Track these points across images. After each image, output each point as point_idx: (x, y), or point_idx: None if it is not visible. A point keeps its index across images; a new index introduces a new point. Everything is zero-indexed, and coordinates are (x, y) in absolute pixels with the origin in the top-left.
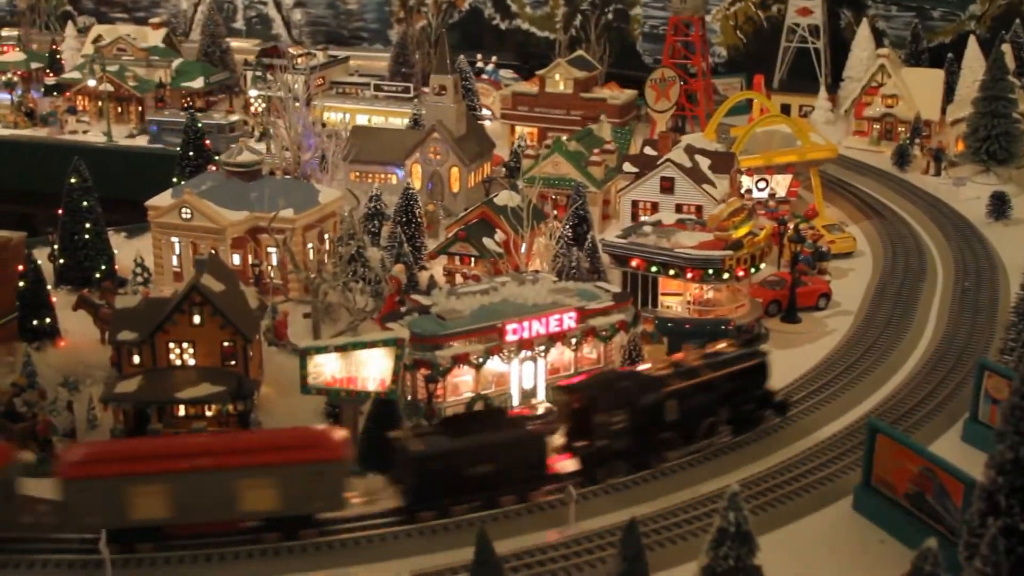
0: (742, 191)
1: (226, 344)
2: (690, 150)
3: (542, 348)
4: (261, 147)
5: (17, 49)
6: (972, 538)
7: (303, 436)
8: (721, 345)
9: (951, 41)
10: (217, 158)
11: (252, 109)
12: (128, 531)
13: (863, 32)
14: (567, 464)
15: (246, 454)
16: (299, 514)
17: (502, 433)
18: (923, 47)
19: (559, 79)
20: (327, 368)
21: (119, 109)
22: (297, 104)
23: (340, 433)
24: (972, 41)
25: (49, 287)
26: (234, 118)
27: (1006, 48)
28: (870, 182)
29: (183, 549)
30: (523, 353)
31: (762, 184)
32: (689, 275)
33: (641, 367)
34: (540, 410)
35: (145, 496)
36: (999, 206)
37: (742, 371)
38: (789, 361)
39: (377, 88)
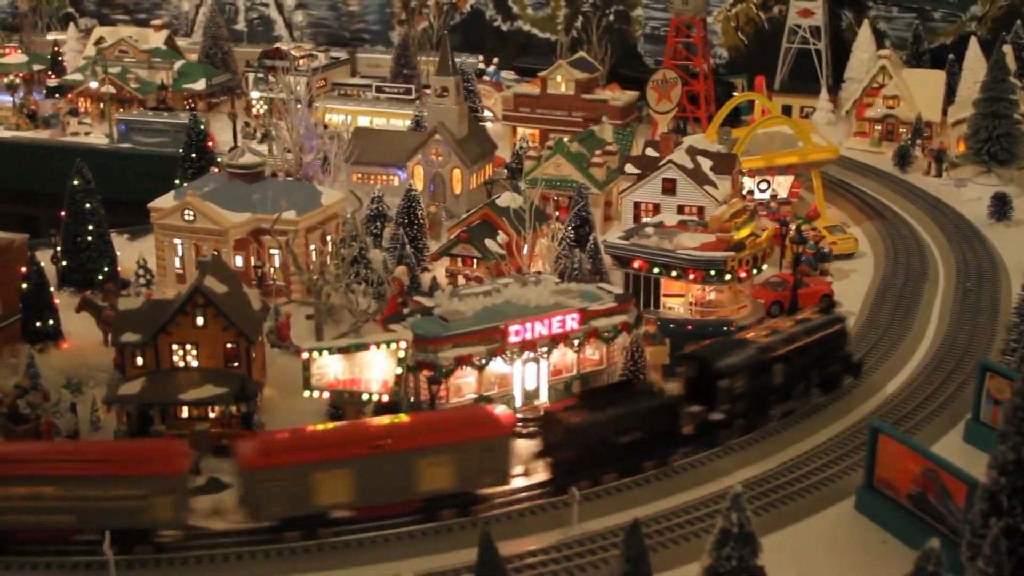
0: (744, 192)
1: (229, 346)
2: (692, 151)
3: (544, 349)
4: (263, 149)
5: (19, 51)
6: (974, 538)
7: (472, 415)
8: (806, 312)
9: (952, 42)
10: (220, 160)
11: (254, 111)
12: (308, 518)
13: (864, 33)
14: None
15: (424, 435)
16: (471, 491)
17: (644, 402)
18: (924, 48)
19: (561, 80)
20: (330, 370)
21: (121, 111)
22: (299, 106)
23: (505, 411)
24: (973, 42)
25: (52, 289)
26: None
27: (1007, 49)
28: (871, 183)
29: (188, 550)
30: (526, 354)
31: (764, 185)
32: (691, 276)
33: (748, 334)
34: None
35: (328, 482)
36: (1000, 207)
37: (829, 335)
38: None
39: (379, 90)
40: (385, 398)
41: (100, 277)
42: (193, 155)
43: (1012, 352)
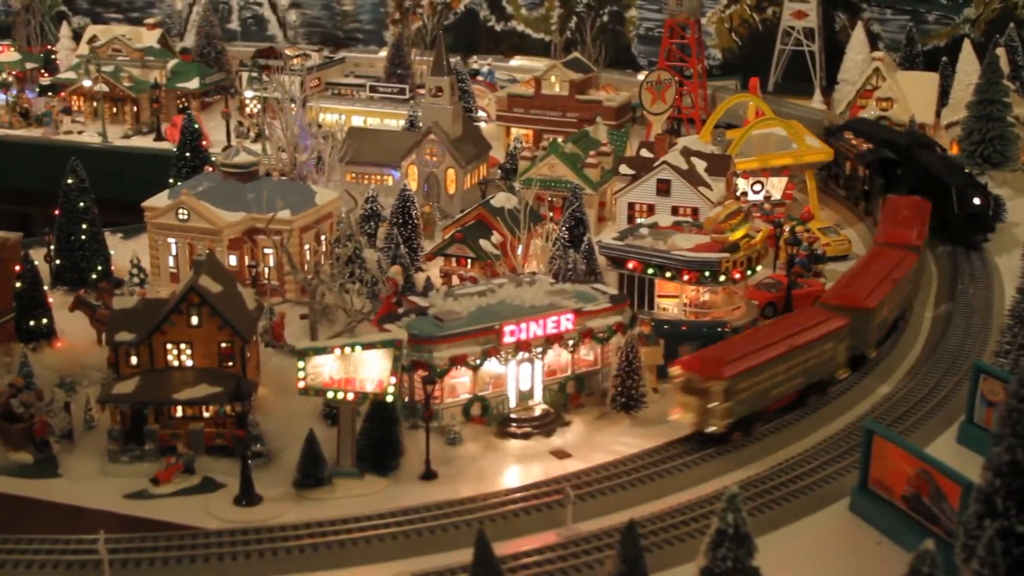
0: (738, 194)
1: (224, 345)
2: (686, 152)
3: (539, 350)
4: (257, 148)
5: (12, 49)
6: (969, 540)
7: (813, 315)
8: None
9: (946, 44)
10: (214, 159)
11: (248, 110)
12: (749, 418)
13: (858, 35)
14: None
15: (806, 332)
16: (825, 378)
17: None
18: (918, 50)
19: (555, 81)
20: (325, 369)
21: (114, 109)
22: (293, 105)
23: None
24: (967, 44)
25: (46, 288)
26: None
27: (1000, 52)
28: None
29: (180, 550)
30: (520, 355)
31: (758, 187)
32: (686, 277)
33: None
34: (537, 411)
35: (767, 380)
36: (994, 209)
37: None
38: None
39: (373, 89)
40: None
41: (94, 276)
42: (187, 154)
43: (1006, 354)
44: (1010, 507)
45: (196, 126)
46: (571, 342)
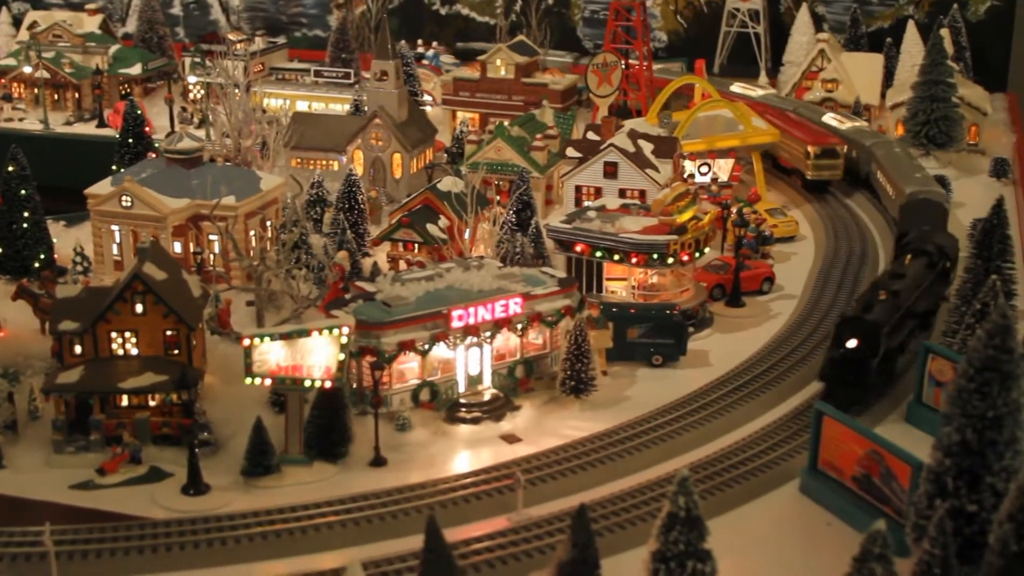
0: (685, 176)
1: (169, 333)
2: (633, 135)
3: (488, 334)
4: (201, 134)
5: None
6: (920, 520)
7: None
8: None
9: (890, 26)
10: (157, 145)
11: (191, 96)
12: None
13: (802, 17)
14: None
15: None
16: None
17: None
18: (862, 32)
19: (500, 64)
20: (272, 356)
21: (56, 96)
22: (237, 91)
23: None
24: (911, 26)
25: None
26: None
27: (944, 33)
28: None
29: (127, 541)
30: (469, 339)
31: (704, 168)
32: (634, 260)
33: None
34: (486, 396)
35: None
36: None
37: None
38: (734, 345)
39: (317, 74)
40: (328, 384)
41: (36, 264)
42: (130, 140)
43: (953, 334)
44: (960, 487)
45: (139, 112)
46: (520, 326)
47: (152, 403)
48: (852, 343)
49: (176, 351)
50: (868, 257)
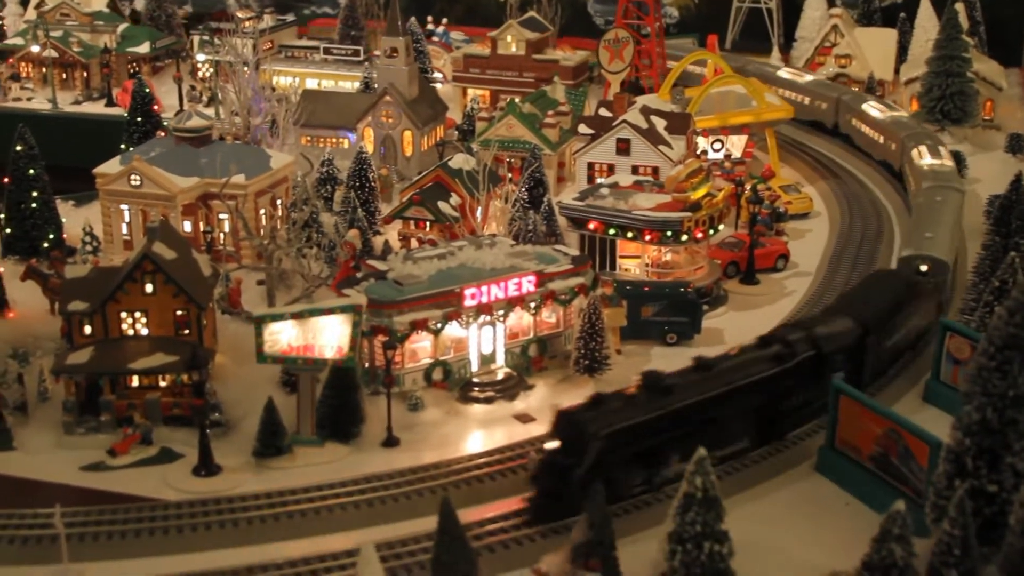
0: (698, 152)
1: (179, 313)
2: (646, 111)
3: (501, 313)
4: (210, 112)
5: None
6: (939, 500)
7: None
8: None
9: (903, 1)
10: (166, 124)
11: (200, 74)
12: None
13: None
14: None
15: None
16: None
17: None
18: (875, 7)
19: (511, 41)
20: (283, 336)
21: (64, 75)
22: (246, 68)
23: None
24: (925, 0)
25: None
26: None
27: (959, 7)
28: (825, 142)
29: (138, 523)
30: (482, 318)
31: (717, 145)
32: (647, 237)
33: None
34: (500, 375)
35: None
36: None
37: None
38: (748, 323)
39: (327, 51)
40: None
41: (46, 245)
42: (139, 119)
43: (971, 312)
44: (980, 466)
45: (147, 91)
46: (533, 304)
47: (163, 384)
48: (552, 444)
49: (186, 331)
50: (884, 234)
